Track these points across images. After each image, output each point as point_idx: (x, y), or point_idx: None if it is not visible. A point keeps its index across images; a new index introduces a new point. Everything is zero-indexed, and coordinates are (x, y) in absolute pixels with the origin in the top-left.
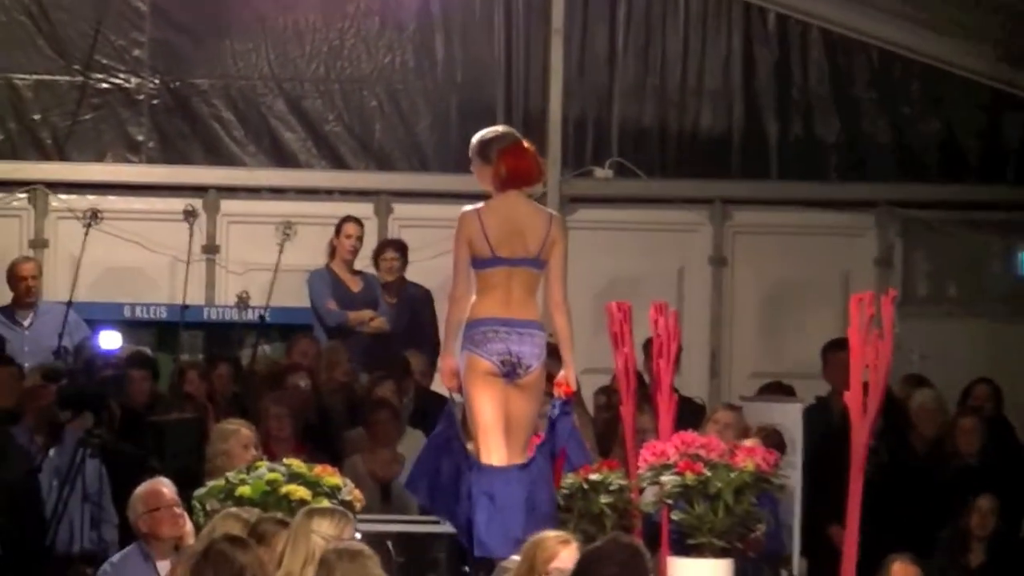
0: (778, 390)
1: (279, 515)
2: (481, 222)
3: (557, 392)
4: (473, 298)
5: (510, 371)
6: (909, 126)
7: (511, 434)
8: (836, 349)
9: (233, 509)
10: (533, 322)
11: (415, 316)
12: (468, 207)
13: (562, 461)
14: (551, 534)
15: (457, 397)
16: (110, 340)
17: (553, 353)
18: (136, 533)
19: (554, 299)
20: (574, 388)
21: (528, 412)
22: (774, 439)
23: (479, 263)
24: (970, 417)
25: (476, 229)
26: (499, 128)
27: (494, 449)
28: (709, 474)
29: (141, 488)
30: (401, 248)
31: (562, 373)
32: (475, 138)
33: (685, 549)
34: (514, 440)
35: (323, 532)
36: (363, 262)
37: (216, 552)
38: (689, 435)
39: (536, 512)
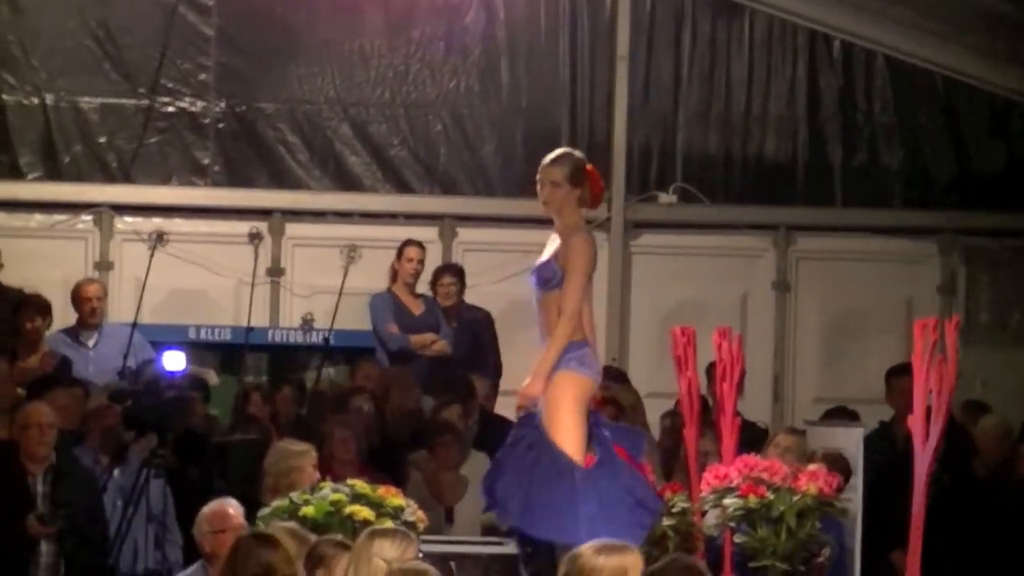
0: (844, 415)
1: (339, 537)
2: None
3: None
4: None
5: None
6: (973, 154)
7: None
8: (900, 374)
9: (288, 523)
10: None
11: (476, 339)
12: (585, 232)
13: (627, 456)
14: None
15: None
16: (174, 361)
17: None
18: (200, 552)
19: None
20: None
21: None
22: (840, 464)
23: None
24: None
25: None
26: (568, 149)
27: None
28: (772, 497)
29: (208, 507)
30: (458, 273)
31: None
32: (565, 160)
33: (748, 572)
34: None
35: (385, 554)
36: (424, 286)
37: (242, 548)
38: (752, 459)
39: (641, 501)
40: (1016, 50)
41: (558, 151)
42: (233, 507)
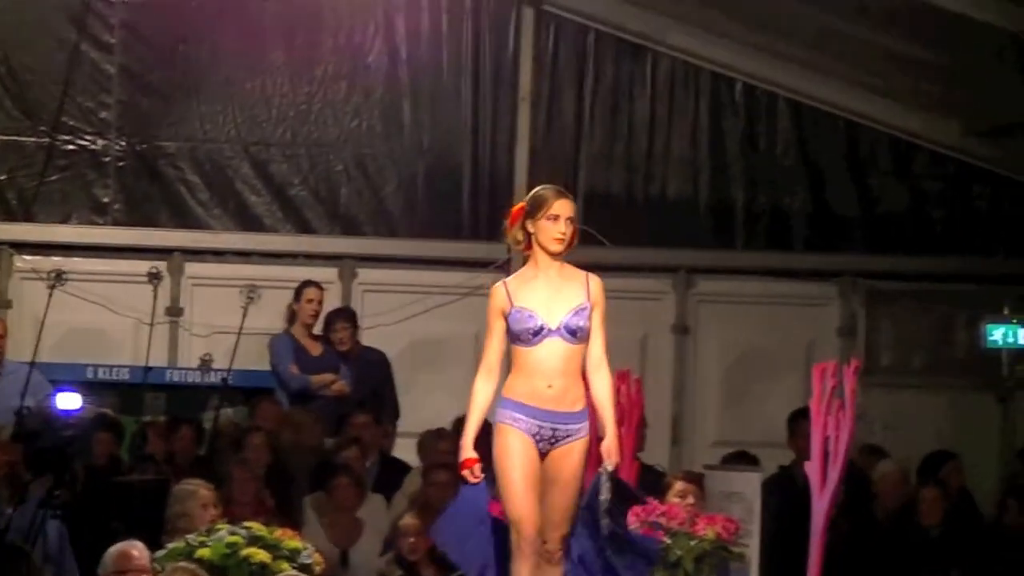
0: (743, 459)
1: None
2: None
3: None
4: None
5: None
6: (876, 197)
7: None
8: (801, 418)
9: (185, 563)
10: None
11: (374, 380)
12: None
13: None
14: None
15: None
16: (68, 401)
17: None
18: None
19: None
20: None
21: None
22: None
23: None
24: (932, 488)
25: None
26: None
27: None
28: (669, 542)
29: (114, 548)
30: (351, 317)
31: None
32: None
33: None
34: None
35: None
36: (319, 328)
37: None
38: (650, 503)
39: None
40: (919, 92)
41: (552, 186)
42: (138, 549)
